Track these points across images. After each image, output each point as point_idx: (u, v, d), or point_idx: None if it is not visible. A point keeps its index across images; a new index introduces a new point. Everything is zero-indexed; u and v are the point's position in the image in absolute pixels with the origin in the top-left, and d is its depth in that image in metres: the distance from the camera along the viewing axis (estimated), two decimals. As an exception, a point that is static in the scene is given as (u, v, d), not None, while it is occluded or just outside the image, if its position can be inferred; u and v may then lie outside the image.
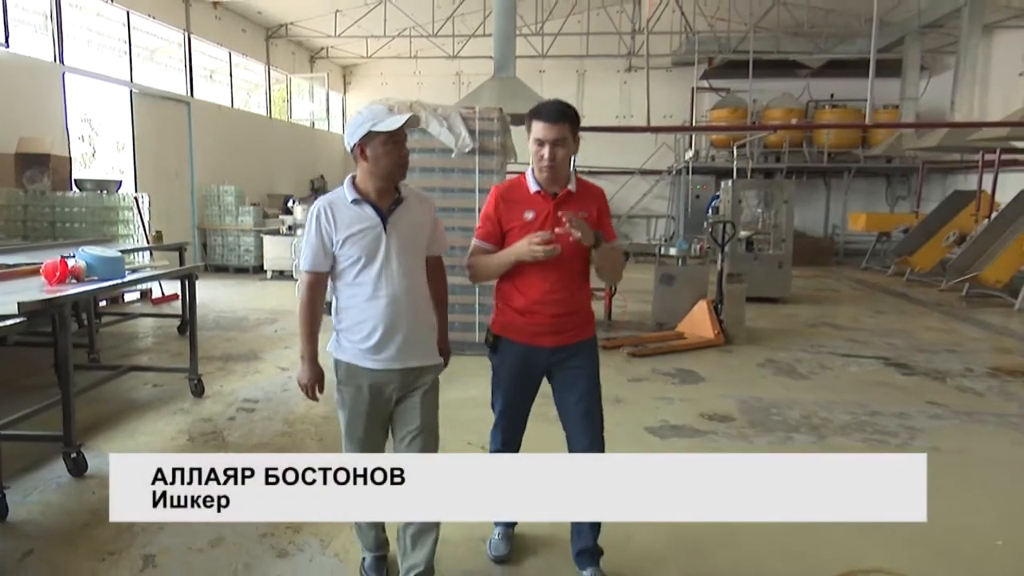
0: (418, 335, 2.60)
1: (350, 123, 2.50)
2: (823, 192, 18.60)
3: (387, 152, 2.44)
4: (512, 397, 2.84)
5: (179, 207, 12.55)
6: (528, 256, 2.56)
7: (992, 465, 4.33)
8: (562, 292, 2.69)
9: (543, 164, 2.64)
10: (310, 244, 2.51)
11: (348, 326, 2.56)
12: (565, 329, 2.74)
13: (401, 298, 2.52)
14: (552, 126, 2.60)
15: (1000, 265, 10.64)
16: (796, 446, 4.59)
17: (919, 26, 14.97)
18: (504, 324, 2.78)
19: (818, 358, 7.07)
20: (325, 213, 2.49)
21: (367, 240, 2.49)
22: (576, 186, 2.75)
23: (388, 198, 2.54)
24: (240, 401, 5.25)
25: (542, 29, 16.94)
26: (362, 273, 2.51)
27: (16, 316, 3.31)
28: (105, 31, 11.45)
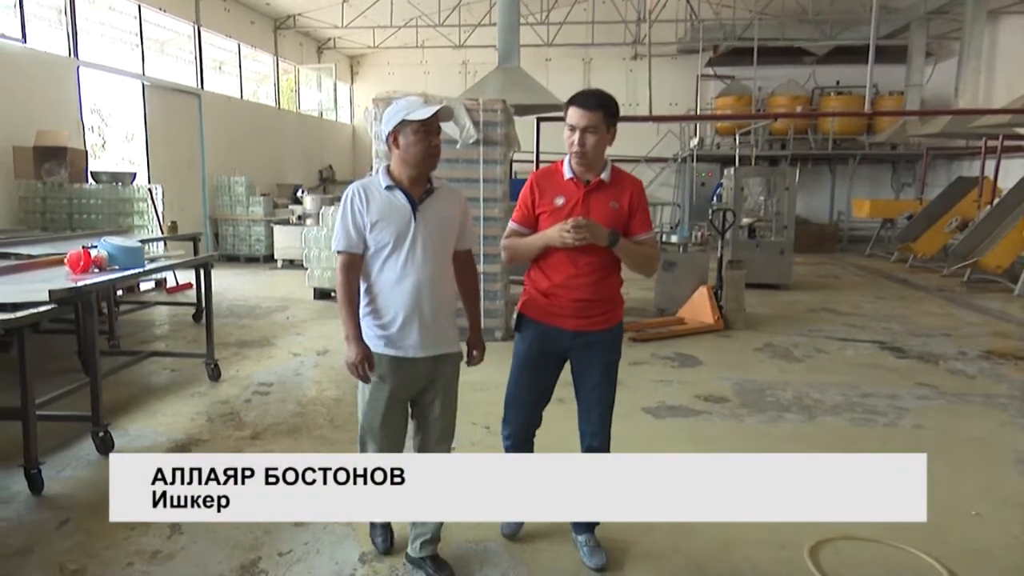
0: (439, 323, 2.66)
1: (386, 112, 2.59)
2: (828, 179, 18.66)
3: (418, 140, 2.52)
4: (527, 375, 2.88)
5: (191, 198, 12.80)
6: (558, 242, 2.63)
7: (972, 443, 4.52)
8: (587, 278, 2.72)
9: (573, 150, 2.69)
10: (344, 225, 2.58)
11: (372, 310, 2.63)
12: (587, 315, 2.77)
13: (425, 285, 2.59)
14: (585, 113, 2.64)
15: (1000, 251, 10.76)
16: (786, 424, 4.80)
17: (924, 12, 15.00)
18: (527, 303, 2.85)
19: (815, 342, 7.24)
20: (359, 195, 2.58)
21: (396, 226, 2.56)
22: (611, 176, 2.77)
23: (420, 188, 2.62)
24: (255, 385, 5.49)
25: (547, 18, 17.04)
26: (390, 259, 2.58)
27: (48, 303, 3.54)
28: (117, 24, 11.68)
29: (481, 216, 6.60)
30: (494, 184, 6.83)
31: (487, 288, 6.80)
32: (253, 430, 4.49)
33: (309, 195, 12.68)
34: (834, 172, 18.62)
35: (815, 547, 3.11)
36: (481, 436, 4.34)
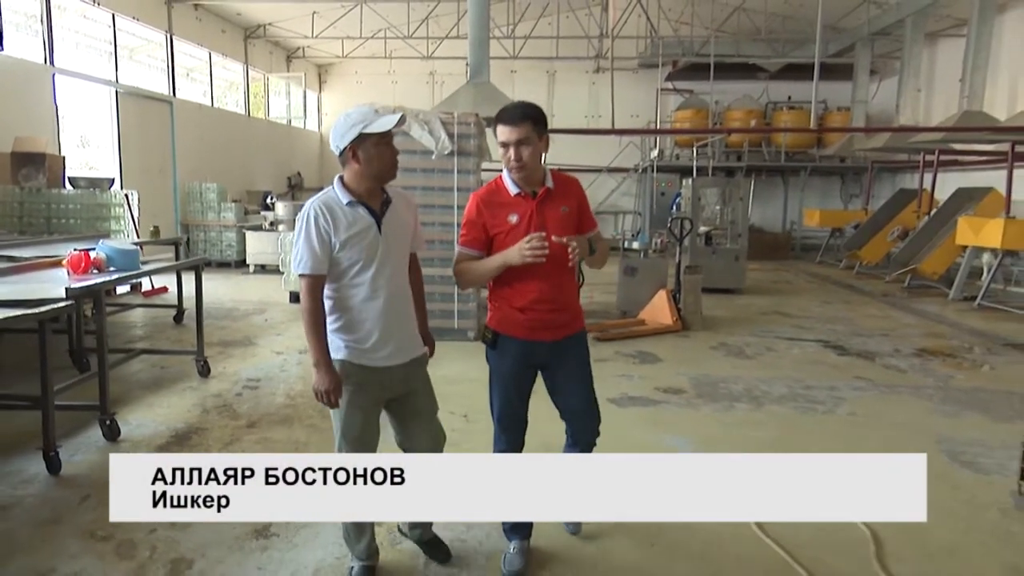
0: (410, 330, 2.71)
1: (337, 125, 2.48)
2: (781, 189, 19.50)
3: (379, 154, 2.48)
4: (512, 394, 2.89)
5: (163, 203, 12.94)
6: (518, 261, 2.62)
7: (899, 427, 5.07)
8: (557, 290, 2.79)
9: (511, 165, 2.71)
10: (309, 248, 2.47)
11: (344, 325, 2.58)
12: (561, 323, 2.84)
13: (395, 298, 2.60)
14: (513, 128, 2.66)
15: (936, 258, 11.54)
16: (737, 412, 5.30)
17: (868, 33, 15.88)
18: (502, 320, 2.84)
19: (765, 342, 7.81)
20: (323, 215, 2.48)
21: (366, 242, 2.52)
22: (553, 182, 2.81)
23: (379, 199, 2.59)
24: (244, 380, 5.81)
25: (513, 32, 17.55)
26: (360, 275, 2.53)
27: (66, 300, 3.85)
28: (90, 32, 11.81)
29: (455, 223, 7.02)
30: (468, 192, 7.24)
31: (461, 291, 7.21)
32: (248, 420, 4.83)
33: (280, 202, 12.93)
34: (787, 183, 19.46)
35: (757, 510, 3.59)
36: (460, 424, 4.74)
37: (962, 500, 3.84)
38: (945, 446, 4.64)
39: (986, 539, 3.43)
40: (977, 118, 11.17)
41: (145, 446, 4.32)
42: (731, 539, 3.32)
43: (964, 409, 5.49)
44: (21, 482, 3.74)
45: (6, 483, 3.71)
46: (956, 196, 12.35)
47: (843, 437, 4.87)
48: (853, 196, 19.29)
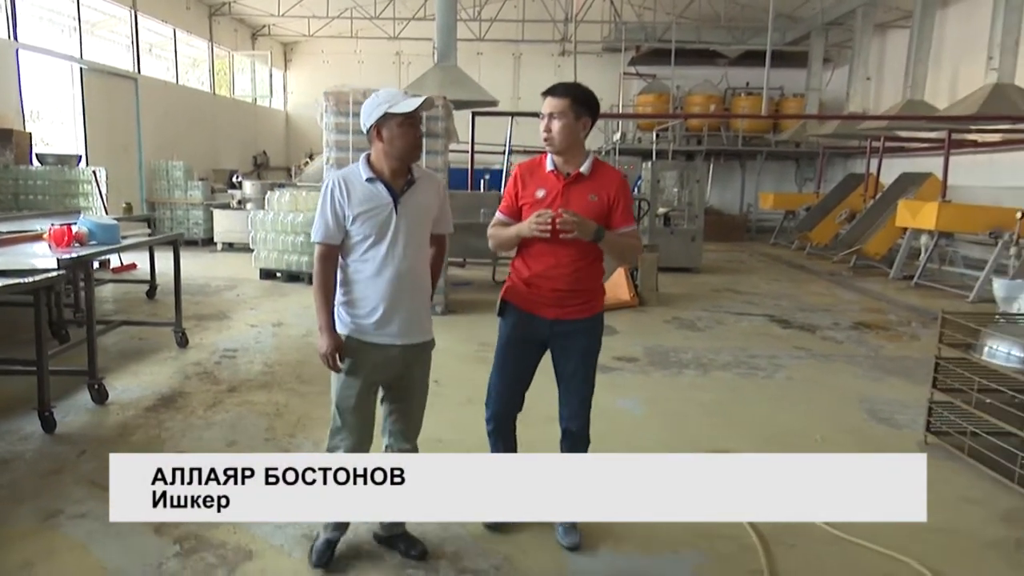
0: (418, 313, 2.70)
1: (366, 104, 2.55)
2: (739, 173, 20.13)
3: (403, 134, 2.52)
4: (510, 361, 2.94)
5: (128, 181, 12.96)
6: (527, 233, 2.72)
7: (830, 389, 5.58)
8: (567, 268, 2.78)
9: (543, 136, 2.78)
10: (323, 217, 2.57)
11: (351, 299, 2.64)
12: (565, 304, 2.83)
13: (404, 277, 2.61)
14: (552, 99, 2.75)
15: (879, 239, 12.19)
16: (685, 377, 5.76)
17: (822, 23, 16.46)
18: (509, 289, 2.93)
19: (716, 316, 8.30)
20: (340, 186, 2.56)
21: (378, 219, 2.56)
22: (591, 169, 2.83)
23: (401, 179, 2.62)
24: (221, 350, 6.09)
25: (480, 14, 17.74)
26: (370, 250, 2.58)
27: (58, 269, 4.10)
28: (50, 6, 11.74)
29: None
30: (436, 172, 7.55)
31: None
32: (229, 385, 5.13)
33: (248, 180, 13.05)
34: (744, 167, 20.09)
35: (696, 458, 4.03)
36: (433, 388, 5.09)
37: (873, 448, 4.33)
38: (866, 405, 5.16)
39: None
40: (919, 107, 11.80)
41: (133, 408, 4.59)
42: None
43: (889, 375, 6.03)
44: (19, 439, 4.00)
45: (5, 440, 3.97)
46: (899, 181, 13.02)
47: (778, 398, 5.35)
48: (807, 180, 19.99)
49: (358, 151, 7.49)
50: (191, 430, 4.24)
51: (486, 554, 2.99)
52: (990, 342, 4.11)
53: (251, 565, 2.86)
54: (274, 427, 4.34)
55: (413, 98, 2.53)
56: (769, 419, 4.87)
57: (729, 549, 3.12)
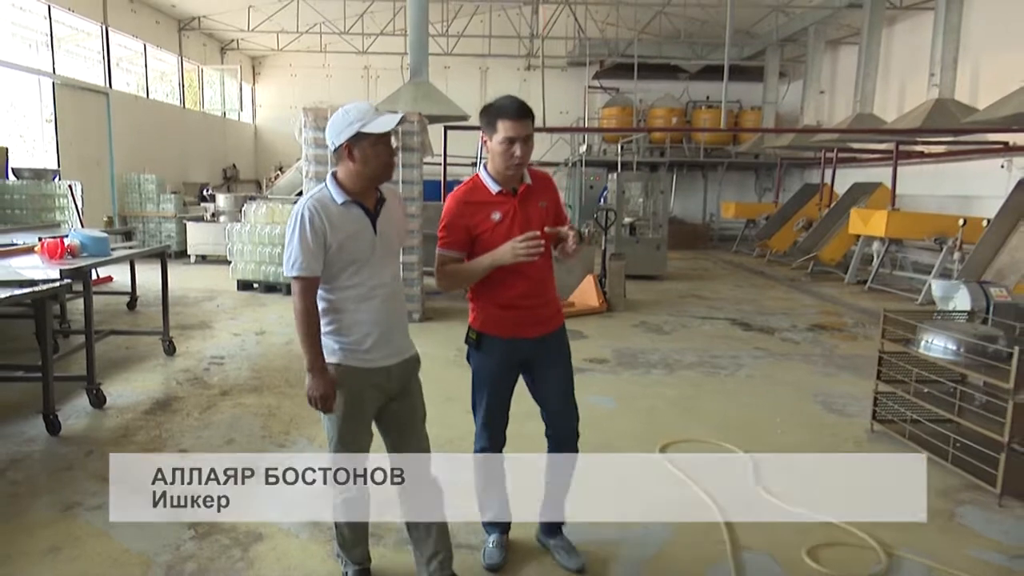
0: (402, 328, 2.64)
1: (335, 121, 2.39)
2: (701, 183, 20.76)
3: (377, 154, 2.39)
4: (496, 394, 2.88)
5: (100, 195, 12.99)
6: (511, 260, 2.60)
7: (786, 385, 6.00)
8: (540, 285, 2.79)
9: (513, 162, 2.65)
10: (304, 249, 2.38)
11: (339, 328, 2.50)
12: (545, 319, 2.84)
13: (389, 296, 2.54)
14: (521, 123, 2.62)
15: (834, 246, 12.79)
16: (652, 377, 6.13)
17: (777, 39, 17.15)
18: (486, 321, 2.81)
19: (680, 320, 8.72)
20: (318, 215, 2.39)
21: (361, 242, 2.45)
22: (530, 177, 2.80)
23: (372, 197, 2.51)
24: (208, 358, 6.30)
25: (447, 30, 18.11)
26: (356, 275, 2.47)
27: (60, 280, 4.31)
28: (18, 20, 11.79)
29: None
30: (412, 185, 7.87)
31: (405, 276, 7.82)
32: (220, 389, 5.36)
33: (221, 193, 13.18)
34: (706, 177, 20.73)
35: (664, 447, 4.39)
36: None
37: (826, 436, 4.76)
38: (820, 398, 5.58)
39: (837, 462, 4.32)
40: (867, 120, 12.45)
41: (131, 411, 4.80)
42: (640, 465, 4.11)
43: (841, 371, 6.48)
44: (25, 441, 4.19)
45: (12, 442, 4.16)
46: (852, 190, 13.67)
47: (739, 393, 5.75)
48: (766, 190, 20.70)
49: (337, 165, 7.77)
50: (190, 430, 4.46)
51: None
52: (926, 337, 4.54)
53: (262, 546, 3.12)
54: (269, 426, 4.58)
55: (388, 115, 2.40)
56: (730, 412, 5.25)
57: (695, 523, 3.46)
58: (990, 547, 3.32)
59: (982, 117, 9.33)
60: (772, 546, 3.25)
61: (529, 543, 3.22)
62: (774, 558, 3.16)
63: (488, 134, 2.67)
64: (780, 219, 15.53)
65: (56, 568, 2.89)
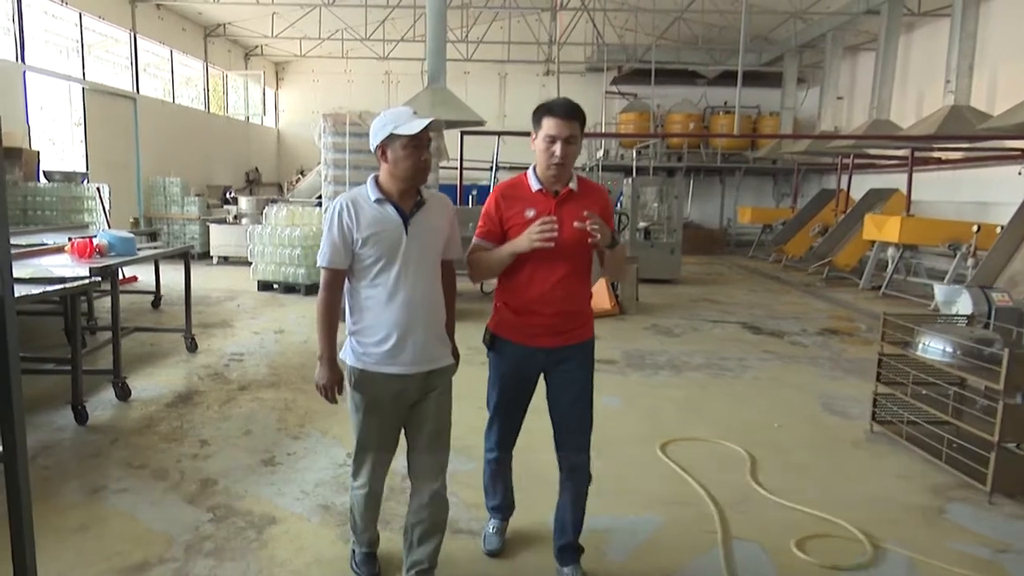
0: (433, 338, 2.59)
1: (374, 124, 2.50)
2: (719, 188, 20.79)
3: (407, 155, 2.44)
4: (507, 396, 2.84)
5: (126, 197, 13.37)
6: (527, 246, 2.56)
7: (791, 387, 6.10)
8: (562, 291, 2.68)
9: (553, 161, 2.62)
10: (330, 240, 2.48)
11: (363, 328, 2.54)
12: (564, 330, 2.72)
13: (417, 301, 2.51)
14: (566, 123, 2.58)
15: (849, 252, 12.81)
16: (659, 377, 6.26)
17: (795, 45, 17.18)
18: (500, 323, 2.78)
19: (692, 323, 8.82)
20: (348, 210, 2.48)
21: (388, 241, 2.47)
22: (578, 185, 2.74)
23: (410, 200, 2.54)
24: (228, 355, 6.53)
25: (467, 36, 18.33)
26: (380, 275, 2.50)
27: (89, 277, 4.55)
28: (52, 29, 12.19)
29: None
30: (428, 189, 8.05)
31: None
32: (239, 384, 5.58)
33: (243, 196, 13.50)
34: (724, 182, 20.76)
35: (665, 445, 4.52)
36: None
37: (825, 436, 4.86)
38: (823, 400, 5.68)
39: (835, 460, 4.44)
40: (884, 127, 12.46)
41: (154, 404, 5.03)
42: (639, 461, 4.25)
43: (847, 374, 6.56)
44: (55, 430, 4.43)
45: (43, 431, 4.40)
46: (868, 196, 13.68)
47: (743, 394, 5.86)
48: (784, 195, 20.69)
49: (355, 169, 8.00)
50: (210, 422, 4.68)
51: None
52: (923, 339, 4.64)
53: (276, 528, 3.31)
54: (285, 419, 4.79)
55: (419, 119, 2.45)
56: (733, 412, 5.37)
57: (688, 514, 3.60)
58: (975, 541, 3.42)
59: (996, 124, 9.34)
60: (762, 536, 3.38)
61: (530, 530, 3.31)
62: (763, 547, 3.29)
63: (535, 131, 2.67)
64: (796, 224, 15.55)
65: (85, 545, 3.09)
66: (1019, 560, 3.27)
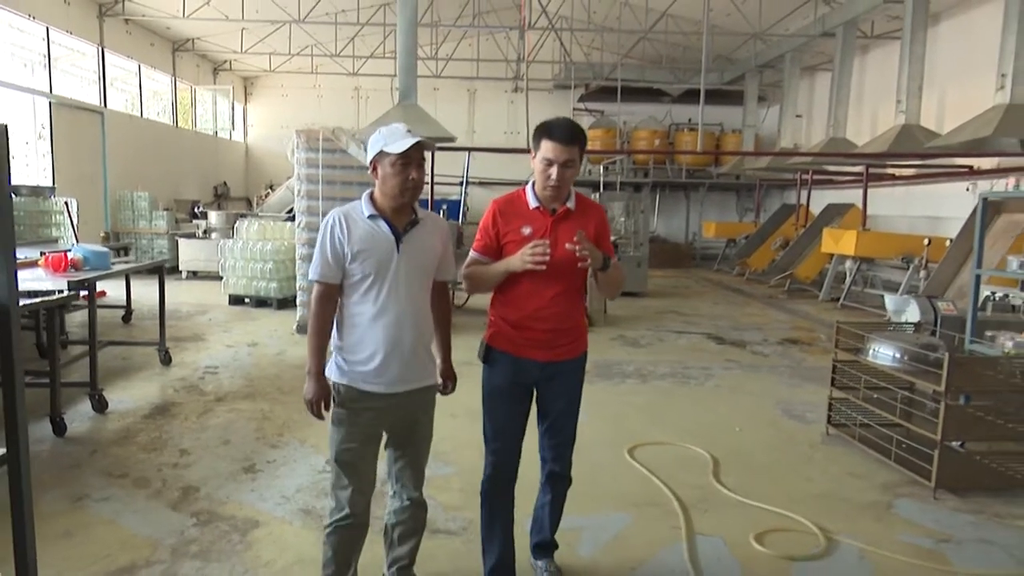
0: (418, 357, 2.59)
1: (370, 140, 2.52)
2: (684, 203, 21.25)
3: (394, 173, 2.44)
4: (503, 411, 2.83)
5: (93, 211, 13.26)
6: (519, 267, 2.59)
7: (752, 394, 6.36)
8: (556, 307, 2.70)
9: (549, 183, 2.65)
10: (322, 253, 2.49)
11: (349, 345, 2.53)
12: (557, 344, 2.75)
13: (405, 319, 2.51)
14: (565, 147, 2.61)
15: (808, 265, 13.24)
16: (626, 385, 6.48)
17: (756, 65, 17.72)
18: (496, 335, 2.80)
19: (657, 334, 9.08)
20: (340, 224, 2.48)
21: (378, 257, 2.47)
22: (575, 203, 2.76)
23: (404, 218, 2.54)
24: (203, 368, 6.58)
25: (436, 53, 18.57)
26: (369, 291, 2.49)
27: (70, 291, 4.62)
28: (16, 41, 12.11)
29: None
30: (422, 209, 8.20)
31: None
32: (215, 396, 5.65)
33: (213, 211, 13.49)
34: (689, 198, 21.22)
35: (632, 449, 4.72)
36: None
37: (783, 439, 5.11)
38: (782, 406, 5.94)
39: (792, 461, 4.69)
40: (840, 144, 12.95)
41: (131, 416, 5.09)
42: (608, 464, 4.44)
43: (806, 381, 6.84)
44: (35, 441, 4.46)
45: (21, 443, 4.44)
46: (827, 211, 14.16)
47: (705, 400, 6.10)
48: (747, 210, 21.21)
49: (327, 184, 8.14)
50: (189, 433, 4.76)
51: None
52: (873, 346, 4.92)
53: (259, 531, 3.42)
54: (263, 429, 4.89)
55: (409, 138, 2.44)
56: (695, 417, 5.60)
57: (654, 513, 3.79)
58: (920, 533, 3.67)
59: (943, 142, 9.81)
60: (724, 531, 3.58)
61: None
62: (724, 541, 3.49)
63: (534, 149, 2.70)
64: (759, 238, 15.99)
65: (71, 550, 3.18)
66: (959, 549, 3.52)
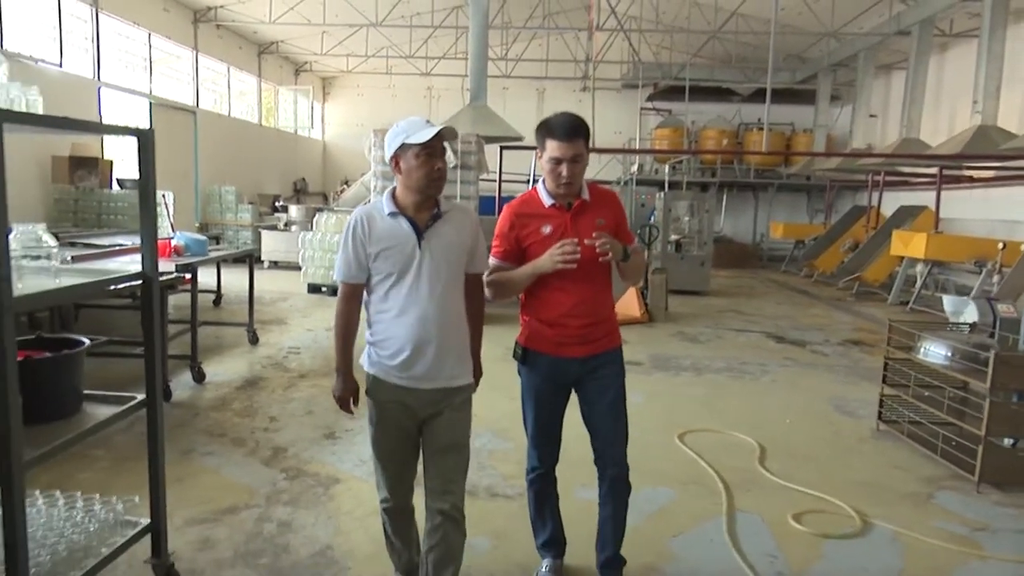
0: (448, 355, 2.53)
1: (388, 135, 2.46)
2: (752, 204, 21.06)
3: (419, 164, 2.39)
4: (544, 409, 2.84)
5: (185, 204, 14.23)
6: (550, 268, 2.58)
7: (805, 389, 6.50)
8: (588, 303, 2.70)
9: (562, 181, 2.64)
10: (345, 255, 2.48)
11: (377, 340, 2.52)
12: (593, 339, 2.75)
13: (431, 317, 2.46)
14: (570, 143, 2.60)
15: (878, 267, 13.05)
16: (681, 377, 6.72)
17: (828, 64, 17.46)
18: (531, 336, 2.78)
19: (717, 332, 9.23)
20: (361, 224, 2.46)
21: (400, 255, 2.44)
22: (590, 194, 2.76)
23: (426, 213, 2.48)
24: (286, 348, 7.16)
25: (507, 54, 19.01)
26: (393, 289, 2.47)
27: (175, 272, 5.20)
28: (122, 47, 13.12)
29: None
30: (468, 201, 8.66)
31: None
32: (298, 372, 6.19)
33: (292, 205, 14.28)
34: (757, 198, 21.03)
35: (682, 435, 4.99)
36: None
37: (832, 432, 5.28)
38: (835, 402, 6.08)
39: (838, 452, 4.86)
40: (913, 145, 12.72)
41: (226, 387, 5.66)
42: (658, 447, 4.72)
43: (862, 380, 6.92)
44: (144, 405, 5.06)
45: (134, 406, 5.04)
46: (898, 213, 13.91)
47: (759, 394, 6.29)
48: (818, 211, 20.86)
49: (402, 180, 8.64)
50: (276, 403, 5.29)
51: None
52: (925, 345, 5.04)
53: (340, 487, 3.87)
54: (341, 403, 5.37)
55: (431, 127, 2.39)
56: (746, 409, 5.80)
57: (698, 491, 4.07)
58: (957, 521, 3.83)
59: (1021, 144, 9.60)
60: (763, 510, 3.83)
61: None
62: (763, 518, 3.74)
63: (539, 148, 2.69)
64: (827, 240, 15.79)
65: (183, 493, 3.69)
66: (994, 537, 3.67)
